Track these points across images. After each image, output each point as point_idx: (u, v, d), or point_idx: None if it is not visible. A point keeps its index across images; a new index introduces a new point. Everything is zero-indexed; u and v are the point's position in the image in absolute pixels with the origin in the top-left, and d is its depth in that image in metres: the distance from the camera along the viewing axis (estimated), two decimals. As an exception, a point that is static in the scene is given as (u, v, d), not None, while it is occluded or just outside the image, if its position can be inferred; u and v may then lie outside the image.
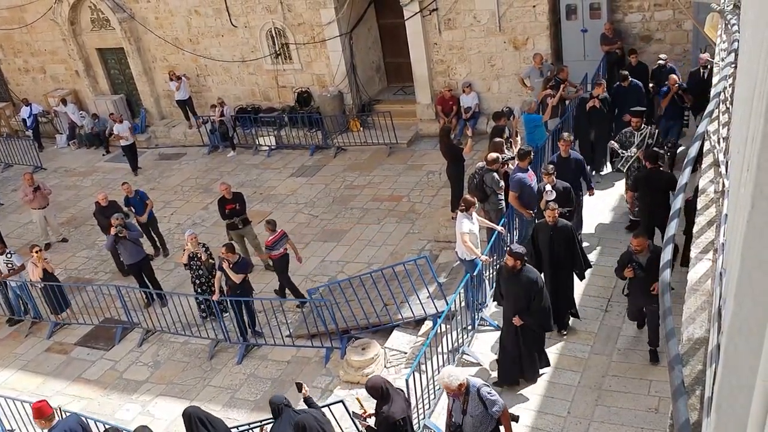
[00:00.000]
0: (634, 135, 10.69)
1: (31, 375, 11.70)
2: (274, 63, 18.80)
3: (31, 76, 22.67)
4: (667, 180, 9.59)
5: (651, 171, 9.65)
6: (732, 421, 1.58)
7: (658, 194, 9.50)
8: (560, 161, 10.28)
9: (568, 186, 9.73)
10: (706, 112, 3.50)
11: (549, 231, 8.70)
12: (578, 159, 10.45)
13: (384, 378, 7.29)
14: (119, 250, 12.72)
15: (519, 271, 7.83)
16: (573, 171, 10.24)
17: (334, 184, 16.15)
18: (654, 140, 10.62)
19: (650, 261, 7.74)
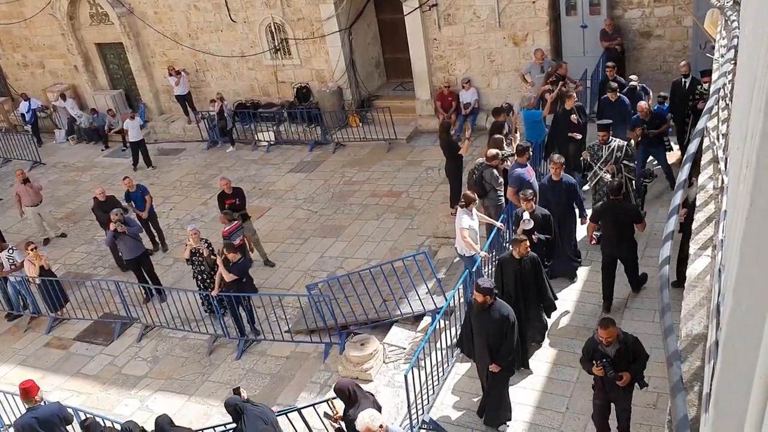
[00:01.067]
0: (602, 148, 10.20)
1: (30, 370, 11.70)
2: (274, 58, 18.77)
3: (29, 71, 22.64)
4: (631, 212, 8.98)
5: (614, 202, 8.91)
6: (730, 417, 1.58)
7: (621, 227, 8.84)
8: (551, 185, 9.70)
9: (548, 213, 9.13)
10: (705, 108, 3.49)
11: (516, 264, 8.15)
12: (570, 183, 9.72)
13: (352, 381, 7.29)
14: (118, 246, 12.72)
15: (490, 306, 7.35)
16: (565, 195, 9.63)
17: (333, 180, 16.14)
18: (623, 153, 10.10)
19: (620, 353, 6.63)
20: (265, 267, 13.10)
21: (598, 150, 10.24)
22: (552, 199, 9.54)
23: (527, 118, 12.68)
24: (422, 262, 10.53)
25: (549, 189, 9.66)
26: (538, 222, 8.90)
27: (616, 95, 11.75)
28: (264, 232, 14.05)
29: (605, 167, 10.03)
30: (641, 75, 15.77)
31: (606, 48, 15.12)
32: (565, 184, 9.61)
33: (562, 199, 9.57)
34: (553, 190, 9.62)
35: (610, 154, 10.12)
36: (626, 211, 8.92)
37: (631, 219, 8.86)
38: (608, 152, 10.14)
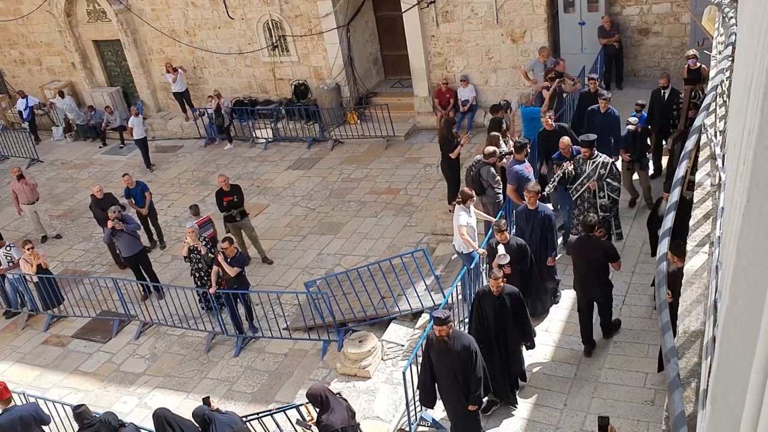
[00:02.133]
0: (587, 163, 9.70)
1: (28, 367, 11.71)
2: (271, 55, 18.75)
3: (27, 68, 22.60)
4: (604, 251, 8.18)
5: (588, 239, 8.19)
6: (727, 413, 1.59)
7: (594, 266, 8.14)
8: (526, 214, 9.13)
9: (523, 243, 8.59)
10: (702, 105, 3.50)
11: (494, 300, 7.67)
12: (547, 214, 9.07)
13: (326, 386, 7.23)
14: (116, 243, 12.71)
15: (451, 337, 6.97)
16: (539, 226, 9.00)
17: (331, 177, 16.14)
18: (607, 171, 9.60)
19: None
20: (263, 264, 13.10)
21: (582, 164, 9.72)
22: (526, 228, 9.08)
23: (525, 115, 12.67)
24: (420, 259, 10.54)
25: (524, 218, 9.17)
26: (513, 252, 8.40)
27: (606, 105, 11.14)
28: (262, 229, 14.05)
29: (588, 183, 9.58)
30: (638, 72, 15.81)
31: (604, 45, 15.12)
32: (542, 214, 9.02)
33: (536, 229, 9.01)
34: (528, 220, 9.10)
35: (594, 170, 9.62)
36: (600, 249, 8.16)
37: (606, 257, 8.14)
38: (592, 168, 9.63)
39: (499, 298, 7.64)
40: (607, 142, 10.82)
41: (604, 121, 11.09)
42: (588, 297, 8.32)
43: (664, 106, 11.57)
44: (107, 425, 7.87)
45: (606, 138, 10.78)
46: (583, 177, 9.67)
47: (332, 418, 6.70)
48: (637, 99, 12.12)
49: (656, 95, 11.81)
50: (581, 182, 9.67)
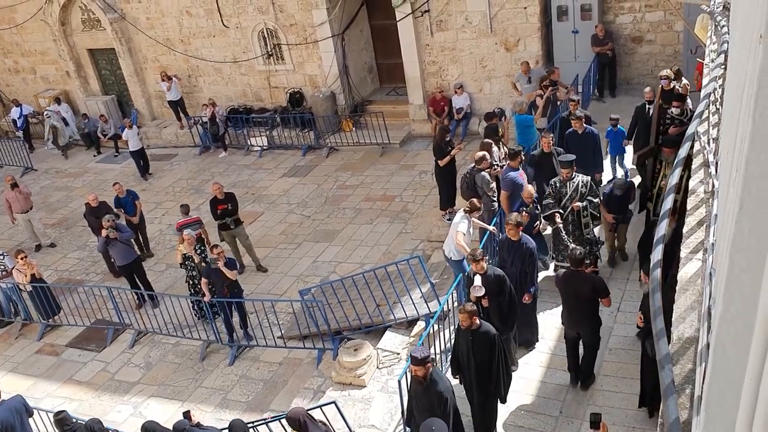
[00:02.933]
0: (566, 185, 9.35)
1: (22, 377, 11.65)
2: (266, 63, 18.78)
3: (21, 77, 22.57)
4: (593, 286, 7.72)
5: (575, 274, 7.78)
6: (721, 419, 1.59)
7: (582, 302, 7.75)
8: (508, 245, 8.66)
9: (502, 274, 8.06)
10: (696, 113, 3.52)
11: (468, 336, 7.21)
12: (529, 246, 8.57)
13: (305, 411, 7.25)
14: (111, 252, 12.67)
15: (430, 380, 6.71)
16: (520, 258, 8.52)
17: (326, 184, 16.15)
18: (588, 189, 9.32)
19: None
20: (258, 272, 13.08)
21: (561, 187, 9.38)
22: (508, 259, 8.61)
23: (519, 123, 12.72)
24: (416, 267, 10.54)
25: (506, 249, 8.71)
26: (491, 284, 7.90)
27: (582, 125, 10.75)
28: (257, 237, 14.03)
29: (571, 204, 9.28)
30: (631, 80, 15.88)
31: (597, 53, 15.21)
32: (524, 247, 8.52)
33: (517, 261, 8.51)
34: (510, 251, 8.61)
35: (575, 191, 9.32)
36: (589, 284, 7.70)
37: (595, 293, 7.70)
38: (573, 189, 9.33)
39: (472, 334, 7.14)
40: (589, 162, 10.42)
41: (583, 142, 10.68)
42: (575, 332, 7.99)
43: (649, 122, 11.07)
44: (92, 431, 8.03)
45: (587, 158, 10.40)
46: (565, 200, 9.32)
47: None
48: (630, 106, 12.11)
49: (640, 111, 11.37)
50: (564, 205, 9.34)
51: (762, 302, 1.31)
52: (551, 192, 9.42)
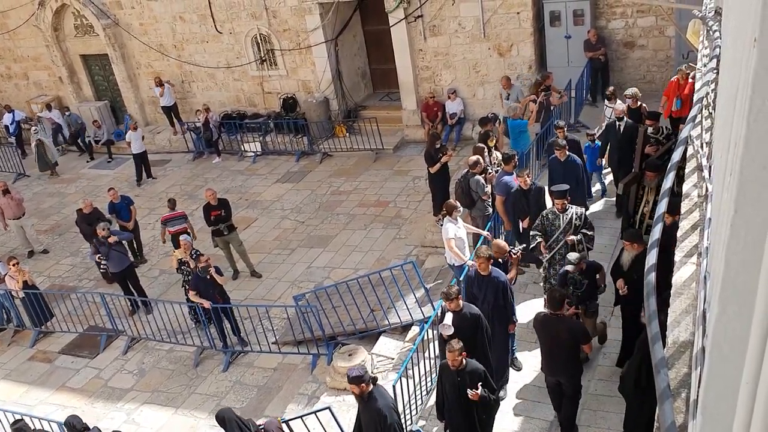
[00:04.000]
0: (559, 218, 8.66)
1: (15, 384, 11.58)
2: (260, 69, 18.78)
3: (13, 83, 22.51)
4: (571, 332, 7.16)
5: (554, 318, 7.18)
6: (717, 423, 1.59)
7: (561, 348, 7.19)
8: (479, 280, 8.08)
9: (478, 313, 7.55)
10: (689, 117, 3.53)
11: (453, 376, 6.93)
12: (501, 280, 8.03)
13: (279, 424, 7.39)
14: (105, 259, 12.52)
15: (369, 396, 6.68)
16: (493, 293, 8.00)
17: (320, 190, 16.13)
18: (582, 222, 8.67)
19: None
20: (252, 278, 13.05)
21: (554, 219, 8.70)
22: (479, 295, 8.05)
23: (513, 128, 12.75)
24: (410, 272, 10.53)
25: (476, 285, 8.12)
26: (467, 323, 7.40)
27: (565, 153, 10.15)
28: (251, 243, 14.00)
29: (564, 238, 8.59)
30: (624, 85, 15.95)
31: (590, 58, 15.27)
32: (495, 280, 7.99)
33: (489, 296, 7.99)
34: (480, 287, 8.04)
35: (569, 224, 8.61)
36: (567, 329, 7.15)
37: (574, 339, 7.20)
38: (566, 222, 8.61)
39: (459, 374, 6.85)
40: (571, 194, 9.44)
41: (566, 170, 10.07)
42: (555, 379, 7.46)
43: (619, 139, 10.77)
44: (71, 427, 8.19)
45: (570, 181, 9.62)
46: (558, 233, 8.64)
47: None
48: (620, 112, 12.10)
49: (611, 127, 11.02)
50: (556, 239, 8.66)
51: (758, 305, 1.31)
52: (540, 224, 8.79)
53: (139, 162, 17.94)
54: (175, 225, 13.04)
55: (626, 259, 7.87)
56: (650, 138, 10.19)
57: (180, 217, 13.12)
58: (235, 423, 7.27)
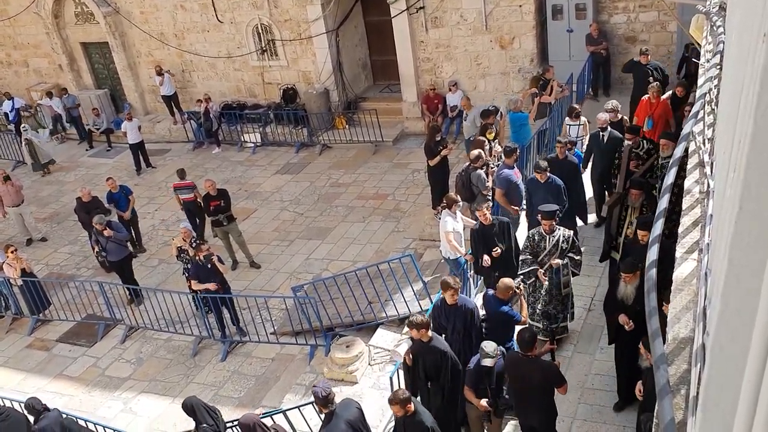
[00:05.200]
0: (545, 239, 8.17)
1: (12, 371, 11.58)
2: (260, 59, 18.72)
3: (13, 70, 22.43)
4: (543, 374, 6.66)
5: (521, 359, 6.69)
6: (718, 420, 1.59)
7: (530, 391, 6.74)
8: (447, 310, 7.64)
9: (445, 351, 7.06)
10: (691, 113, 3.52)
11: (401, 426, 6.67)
12: (470, 308, 7.65)
13: (257, 417, 7.28)
14: (105, 248, 12.48)
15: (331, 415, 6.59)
16: (461, 321, 7.60)
17: (319, 182, 16.12)
18: (569, 245, 8.19)
19: None
20: (251, 268, 13.05)
21: (540, 241, 8.19)
22: (447, 325, 7.62)
23: (514, 121, 12.73)
24: (408, 265, 10.53)
25: (443, 315, 7.66)
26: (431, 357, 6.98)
27: (545, 175, 9.36)
28: (250, 233, 13.99)
29: (550, 261, 8.14)
30: (625, 80, 15.93)
31: (591, 53, 15.23)
32: (463, 309, 7.56)
33: (458, 326, 7.59)
34: (449, 317, 7.62)
35: (555, 246, 8.14)
36: (539, 372, 6.65)
37: (548, 382, 6.71)
38: (553, 244, 8.14)
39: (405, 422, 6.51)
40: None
41: (547, 191, 9.35)
42: (529, 424, 7.01)
43: (603, 150, 10.30)
44: (31, 409, 8.32)
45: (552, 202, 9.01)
46: (543, 255, 8.17)
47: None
48: (624, 107, 12.06)
49: (594, 138, 10.55)
50: (541, 261, 8.20)
51: (762, 301, 1.31)
52: (528, 245, 8.31)
53: (137, 152, 17.90)
54: (183, 194, 13.66)
55: (628, 292, 7.09)
56: (631, 152, 9.65)
57: (188, 187, 13.68)
58: (203, 409, 7.37)
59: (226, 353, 10.97)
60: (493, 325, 7.65)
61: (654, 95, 11.13)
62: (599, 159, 10.45)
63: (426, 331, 6.95)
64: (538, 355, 6.79)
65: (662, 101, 11.14)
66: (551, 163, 9.78)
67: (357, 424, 6.63)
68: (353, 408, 6.76)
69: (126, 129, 17.53)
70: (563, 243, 8.13)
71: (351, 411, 6.69)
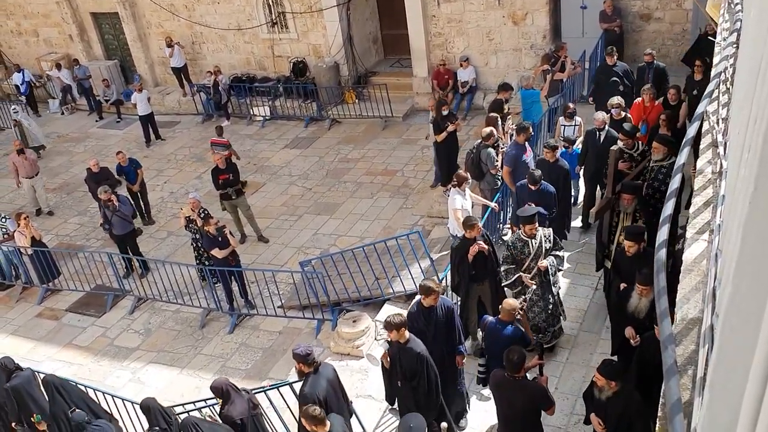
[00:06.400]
0: (527, 244, 7.82)
1: (23, 340, 11.71)
2: (270, 32, 18.60)
3: (23, 39, 22.38)
4: (530, 396, 6.36)
5: (507, 380, 6.33)
6: (725, 401, 1.59)
7: (516, 413, 6.44)
8: (426, 313, 7.27)
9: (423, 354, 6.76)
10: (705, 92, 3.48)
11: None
12: (448, 306, 7.38)
13: (228, 380, 7.46)
14: (111, 220, 12.53)
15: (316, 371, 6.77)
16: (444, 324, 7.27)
17: (328, 157, 16.08)
18: (552, 243, 7.91)
19: None
20: (259, 242, 13.10)
21: (522, 247, 7.85)
22: (427, 329, 7.22)
23: (525, 98, 12.64)
24: (415, 242, 10.53)
25: (422, 318, 7.27)
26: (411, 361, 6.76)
27: (538, 185, 8.91)
28: (258, 208, 14.02)
29: (537, 264, 7.78)
30: (638, 59, 15.75)
31: (605, 30, 15.04)
32: (442, 308, 7.27)
33: (440, 328, 7.25)
34: (428, 320, 7.26)
35: (539, 248, 7.82)
36: (526, 393, 6.34)
37: (534, 405, 6.40)
38: (536, 247, 7.82)
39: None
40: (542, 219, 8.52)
41: (539, 198, 8.86)
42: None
43: (598, 151, 9.83)
44: (3, 368, 8.59)
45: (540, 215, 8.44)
46: (529, 260, 7.83)
47: (232, 409, 7.11)
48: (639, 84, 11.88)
49: (590, 136, 10.10)
50: (527, 267, 7.85)
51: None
52: (510, 254, 7.96)
53: (146, 123, 17.88)
54: (218, 150, 13.81)
55: (641, 306, 6.70)
56: (624, 153, 9.09)
57: (222, 145, 14.14)
58: (158, 412, 7.52)
59: (233, 326, 11.05)
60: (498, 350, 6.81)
61: (648, 98, 10.56)
62: (593, 159, 9.92)
63: (404, 331, 6.73)
64: (526, 369, 6.48)
65: (657, 105, 10.50)
66: (540, 165, 9.42)
67: (335, 384, 6.97)
68: (331, 369, 7.09)
69: (136, 100, 17.52)
70: (546, 243, 7.87)
71: (329, 371, 7.01)
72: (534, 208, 8.03)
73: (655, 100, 10.62)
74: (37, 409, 8.50)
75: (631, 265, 7.10)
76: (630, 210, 8.11)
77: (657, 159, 8.67)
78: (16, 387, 8.55)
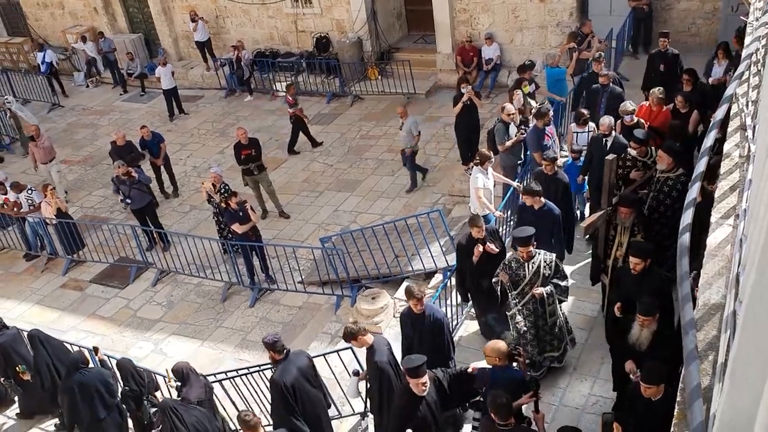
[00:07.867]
0: (524, 267, 7.11)
1: (48, 309, 11.95)
2: (294, 6, 18.51)
3: (49, 12, 22.49)
4: None
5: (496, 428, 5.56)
6: (747, 387, 1.58)
7: None
8: (413, 319, 7.08)
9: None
10: (735, 74, 3.41)
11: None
12: (438, 317, 7.10)
13: (188, 364, 7.94)
14: (129, 195, 12.58)
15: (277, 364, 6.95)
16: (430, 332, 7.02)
17: (349, 134, 16.06)
18: (552, 270, 7.15)
19: None
20: (280, 218, 13.17)
21: (517, 268, 7.16)
22: (414, 336, 7.08)
23: (550, 76, 12.49)
24: (436, 220, 10.53)
25: (409, 324, 7.12)
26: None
27: (540, 201, 8.19)
28: (280, 183, 14.07)
29: (532, 291, 7.10)
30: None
31: (633, 8, 14.77)
32: (431, 318, 6.99)
33: (426, 336, 7.01)
34: (415, 326, 7.06)
35: (536, 274, 7.09)
36: None
37: None
38: (533, 272, 7.09)
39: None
40: (546, 240, 7.93)
41: (541, 220, 8.09)
42: None
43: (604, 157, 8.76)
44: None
45: (544, 235, 7.84)
46: (523, 284, 7.14)
47: (190, 392, 7.60)
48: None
49: (596, 142, 9.39)
50: (521, 291, 7.19)
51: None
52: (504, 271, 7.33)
53: (170, 97, 17.95)
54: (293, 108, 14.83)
55: (642, 337, 6.09)
56: (637, 161, 8.43)
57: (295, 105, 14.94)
58: (130, 373, 8.16)
59: (254, 300, 11.17)
60: None
61: (655, 102, 9.81)
62: (598, 167, 8.75)
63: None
64: (518, 407, 5.88)
65: (664, 111, 9.78)
66: (538, 178, 8.72)
67: (307, 372, 7.08)
68: (304, 358, 7.21)
69: (159, 74, 17.58)
70: (545, 269, 7.10)
71: (302, 360, 7.14)
72: (529, 229, 7.16)
73: (663, 105, 9.82)
74: (23, 363, 9.04)
75: (636, 284, 6.52)
76: (628, 224, 7.42)
77: (662, 169, 7.92)
78: (3, 344, 9.04)
